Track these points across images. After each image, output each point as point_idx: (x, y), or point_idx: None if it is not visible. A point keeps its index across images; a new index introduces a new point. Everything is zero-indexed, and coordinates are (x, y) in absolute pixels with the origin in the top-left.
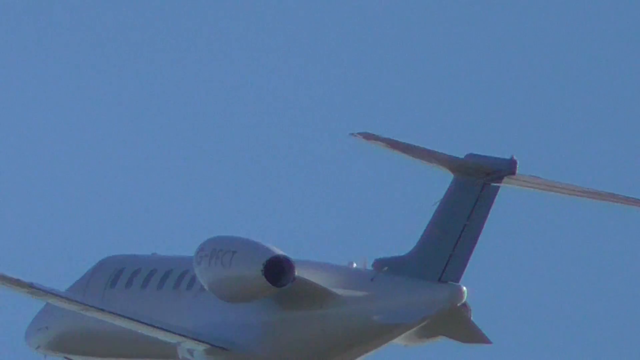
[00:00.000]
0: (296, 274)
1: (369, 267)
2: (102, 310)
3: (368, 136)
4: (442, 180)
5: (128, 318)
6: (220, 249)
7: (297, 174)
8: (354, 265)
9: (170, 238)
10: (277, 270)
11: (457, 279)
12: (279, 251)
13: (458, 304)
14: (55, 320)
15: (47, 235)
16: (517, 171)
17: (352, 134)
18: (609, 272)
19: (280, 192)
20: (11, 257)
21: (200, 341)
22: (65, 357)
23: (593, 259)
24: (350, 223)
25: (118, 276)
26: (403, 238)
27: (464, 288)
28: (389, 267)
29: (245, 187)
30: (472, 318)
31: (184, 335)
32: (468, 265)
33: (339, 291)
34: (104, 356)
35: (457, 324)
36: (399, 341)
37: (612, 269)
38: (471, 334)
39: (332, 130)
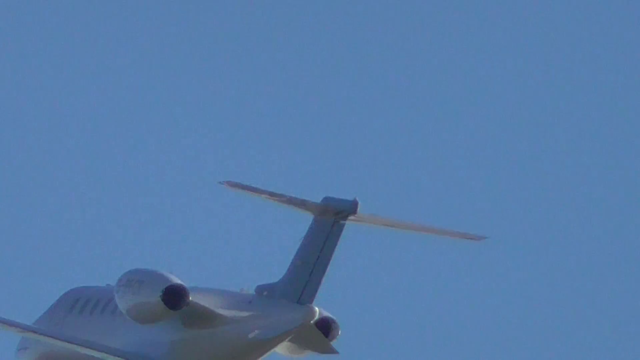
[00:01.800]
0: (190, 299)
1: (252, 291)
2: (40, 333)
3: (235, 185)
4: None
5: (63, 340)
6: (132, 279)
7: (185, 221)
8: (244, 290)
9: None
10: (174, 295)
11: (311, 301)
12: (176, 280)
13: (311, 321)
14: (32, 342)
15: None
16: (358, 210)
17: (220, 182)
18: (440, 296)
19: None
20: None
21: (123, 358)
22: None
23: (425, 285)
24: (239, 256)
25: (74, 305)
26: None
27: (316, 308)
28: (267, 291)
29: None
30: (339, 332)
31: (110, 354)
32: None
33: (224, 312)
34: None
35: (313, 339)
36: (283, 352)
37: (442, 295)
38: (324, 347)
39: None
